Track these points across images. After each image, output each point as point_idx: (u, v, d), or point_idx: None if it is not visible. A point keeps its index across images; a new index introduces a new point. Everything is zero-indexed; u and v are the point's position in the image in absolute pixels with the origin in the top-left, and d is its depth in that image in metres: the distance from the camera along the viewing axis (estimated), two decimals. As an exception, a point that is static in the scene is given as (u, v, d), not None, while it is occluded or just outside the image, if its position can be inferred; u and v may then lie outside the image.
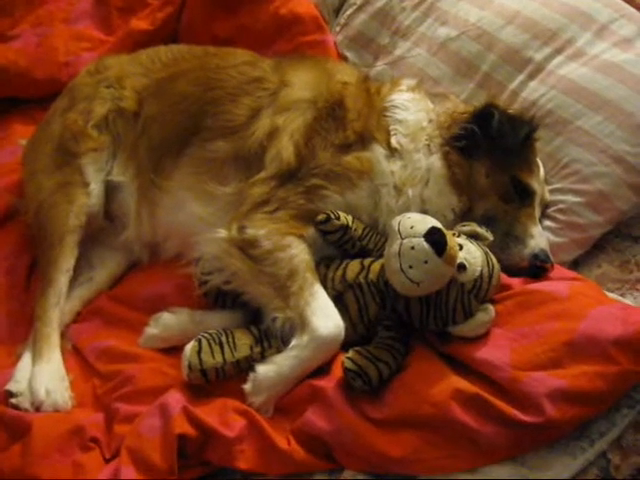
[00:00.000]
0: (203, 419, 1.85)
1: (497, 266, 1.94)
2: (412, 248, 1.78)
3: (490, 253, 1.95)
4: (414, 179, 2.13)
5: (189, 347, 1.94)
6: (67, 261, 2.28)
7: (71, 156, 2.37)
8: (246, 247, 2.05)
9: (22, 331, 2.27)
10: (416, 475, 1.75)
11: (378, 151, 2.15)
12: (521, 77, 2.39)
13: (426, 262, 1.77)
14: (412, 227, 1.81)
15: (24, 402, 2.05)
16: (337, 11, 2.95)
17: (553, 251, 2.12)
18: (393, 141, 2.15)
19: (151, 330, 2.14)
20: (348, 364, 1.82)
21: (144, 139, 2.38)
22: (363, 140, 2.16)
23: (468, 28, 2.51)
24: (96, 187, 2.37)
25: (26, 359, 2.16)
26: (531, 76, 2.38)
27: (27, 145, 2.56)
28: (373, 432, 1.78)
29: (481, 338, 1.86)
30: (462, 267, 1.86)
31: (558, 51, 2.38)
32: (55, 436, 1.92)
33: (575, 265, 2.20)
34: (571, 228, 2.21)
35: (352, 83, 2.29)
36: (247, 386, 1.90)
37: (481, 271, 1.88)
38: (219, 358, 1.92)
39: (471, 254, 1.89)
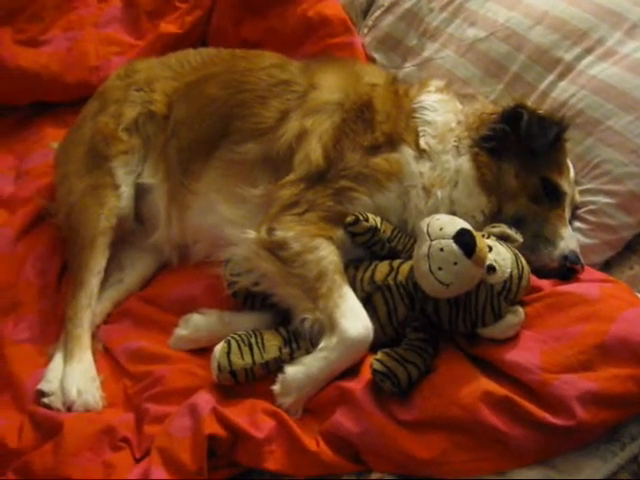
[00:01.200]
0: (232, 420, 1.85)
1: (527, 268, 1.92)
2: (441, 250, 1.78)
3: (520, 255, 1.93)
4: (443, 180, 2.11)
5: (218, 348, 1.94)
6: (98, 263, 2.31)
7: (102, 159, 2.39)
8: (275, 249, 2.05)
9: (53, 331, 2.29)
10: (444, 477, 1.73)
11: (407, 152, 2.13)
12: (551, 77, 2.36)
13: (455, 264, 1.77)
14: (441, 229, 1.80)
15: (56, 402, 2.07)
16: (365, 13, 2.96)
17: (584, 253, 2.10)
18: (422, 142, 2.14)
19: (181, 331, 2.15)
20: (377, 366, 1.82)
21: (174, 142, 2.40)
22: (392, 141, 2.15)
23: (497, 29, 2.50)
24: (126, 189, 2.39)
25: (57, 359, 2.19)
26: (561, 76, 2.35)
27: (58, 148, 2.59)
28: (401, 434, 1.77)
29: (510, 340, 1.85)
30: (491, 269, 1.85)
31: (588, 51, 2.36)
32: (86, 435, 1.95)
33: (606, 267, 2.17)
34: (602, 229, 2.19)
35: (380, 85, 2.28)
36: (276, 387, 1.91)
37: (510, 273, 1.87)
38: (248, 359, 1.93)
39: (500, 255, 1.88)
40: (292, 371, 1.90)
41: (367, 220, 2.02)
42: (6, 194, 2.69)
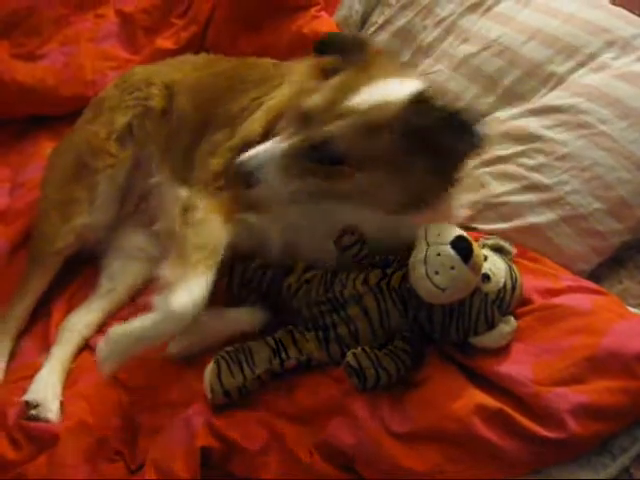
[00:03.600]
0: (225, 432, 1.85)
1: (520, 279, 1.94)
2: (438, 254, 1.79)
3: (513, 266, 1.95)
4: None
5: (208, 371, 1.93)
6: (39, 281, 2.33)
7: (87, 171, 2.38)
8: (185, 209, 2.06)
9: (47, 347, 2.29)
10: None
11: None
12: (544, 90, 2.39)
13: (452, 268, 1.78)
14: (439, 234, 1.82)
15: (43, 412, 2.06)
16: (359, 30, 2.99)
17: (571, 259, 2.14)
18: None
19: (171, 350, 2.10)
20: (350, 359, 1.84)
21: (176, 138, 2.38)
22: None
23: (490, 44, 2.53)
24: (103, 204, 2.38)
25: (44, 370, 2.18)
26: (554, 88, 2.39)
27: (50, 154, 2.59)
28: (395, 446, 1.77)
29: (503, 353, 1.85)
30: (486, 277, 1.87)
31: (581, 64, 2.39)
32: (82, 448, 1.94)
33: (596, 280, 2.16)
34: (591, 235, 2.18)
35: None
36: (99, 344, 1.93)
37: (504, 282, 1.89)
38: (239, 377, 1.92)
39: (495, 265, 1.90)
40: (117, 329, 1.91)
41: (353, 233, 2.02)
42: (2, 206, 2.70)
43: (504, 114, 2.42)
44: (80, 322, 2.31)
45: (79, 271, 2.49)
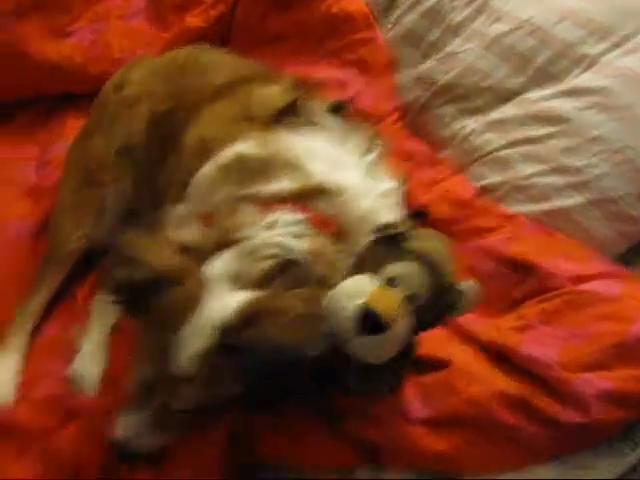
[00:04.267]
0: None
1: (440, 250, 1.65)
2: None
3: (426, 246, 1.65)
4: None
5: None
6: (53, 280, 2.32)
7: (95, 184, 2.34)
8: None
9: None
10: (457, 473, 1.73)
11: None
12: (576, 72, 2.35)
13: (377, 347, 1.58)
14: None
15: (84, 386, 2.09)
16: (387, 10, 2.95)
17: (600, 243, 2.10)
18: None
19: None
20: None
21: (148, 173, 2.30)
22: None
23: (522, 24, 2.48)
24: (112, 215, 2.35)
25: (85, 345, 2.21)
26: (587, 69, 2.34)
27: (68, 151, 2.55)
28: (415, 430, 1.76)
29: (529, 335, 1.84)
30: (411, 299, 1.60)
31: (615, 46, 2.34)
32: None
33: (625, 265, 2.12)
34: (620, 219, 2.14)
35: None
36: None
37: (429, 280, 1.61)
38: None
39: (407, 280, 1.59)
40: None
41: None
42: (30, 184, 2.71)
43: (535, 95, 2.38)
44: None
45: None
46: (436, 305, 1.62)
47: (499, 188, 2.28)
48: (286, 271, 1.64)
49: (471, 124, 2.47)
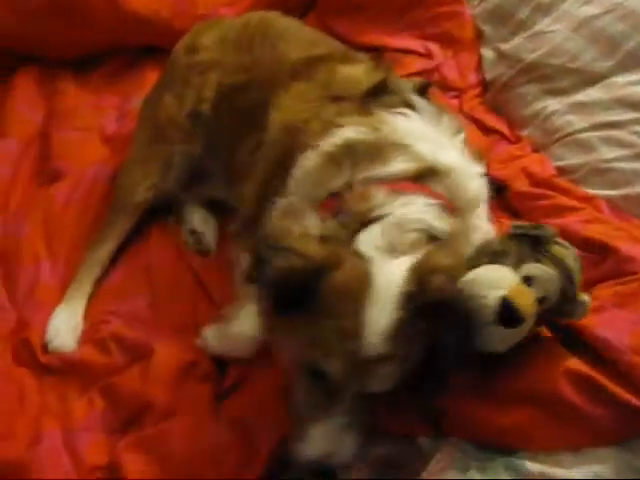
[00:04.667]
0: None
1: (575, 260, 1.73)
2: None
3: (565, 253, 1.72)
4: None
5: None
6: (123, 229, 2.39)
7: (165, 139, 2.41)
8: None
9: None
10: (519, 447, 1.71)
11: None
12: (667, 59, 2.33)
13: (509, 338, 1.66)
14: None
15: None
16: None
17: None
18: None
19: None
20: None
21: (219, 138, 2.36)
22: None
23: (614, 7, 2.46)
24: (177, 174, 2.42)
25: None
26: (678, 58, 2.32)
27: (141, 106, 2.62)
28: (481, 404, 1.75)
29: (601, 317, 1.80)
30: (541, 301, 1.66)
31: None
32: (174, 365, 2.02)
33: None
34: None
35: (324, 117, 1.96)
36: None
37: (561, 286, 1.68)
38: None
39: (543, 283, 1.66)
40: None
41: None
42: (110, 132, 2.78)
43: (622, 79, 2.36)
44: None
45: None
46: (558, 310, 1.69)
47: (578, 170, 2.28)
48: (430, 244, 1.66)
49: (554, 104, 2.46)
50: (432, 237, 1.67)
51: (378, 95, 1.98)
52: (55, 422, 1.96)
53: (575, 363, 1.74)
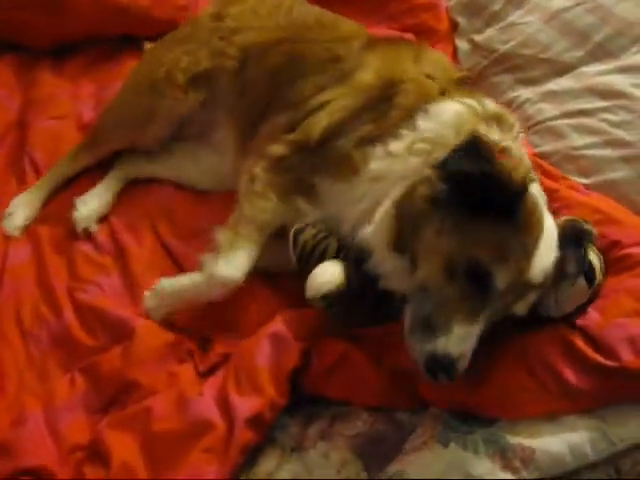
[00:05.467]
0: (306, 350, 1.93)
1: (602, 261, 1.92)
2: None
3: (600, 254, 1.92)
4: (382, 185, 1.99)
5: (335, 282, 1.92)
6: (87, 162, 2.59)
7: (155, 91, 2.46)
8: (248, 181, 2.17)
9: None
10: (498, 419, 1.76)
11: (378, 150, 2.03)
12: (634, 49, 2.40)
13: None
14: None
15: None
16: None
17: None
18: (392, 145, 2.01)
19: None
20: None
21: (243, 100, 2.42)
22: (378, 137, 2.05)
23: (584, 0, 2.55)
24: (158, 129, 2.51)
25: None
26: (646, 48, 2.39)
27: (146, 52, 2.72)
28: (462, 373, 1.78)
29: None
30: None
31: None
32: (155, 345, 2.05)
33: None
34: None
35: (435, 77, 2.12)
36: (147, 292, 2.15)
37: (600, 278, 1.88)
38: (343, 307, 1.94)
39: (596, 269, 1.86)
40: (165, 282, 2.13)
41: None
42: (87, 119, 2.78)
43: (591, 69, 2.44)
44: (132, 166, 2.59)
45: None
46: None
47: (550, 157, 2.33)
48: None
49: (526, 93, 2.53)
50: None
51: (462, 86, 2.16)
52: (36, 402, 1.97)
53: (552, 328, 1.83)
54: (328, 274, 1.93)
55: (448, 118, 1.98)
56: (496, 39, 2.68)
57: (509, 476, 1.67)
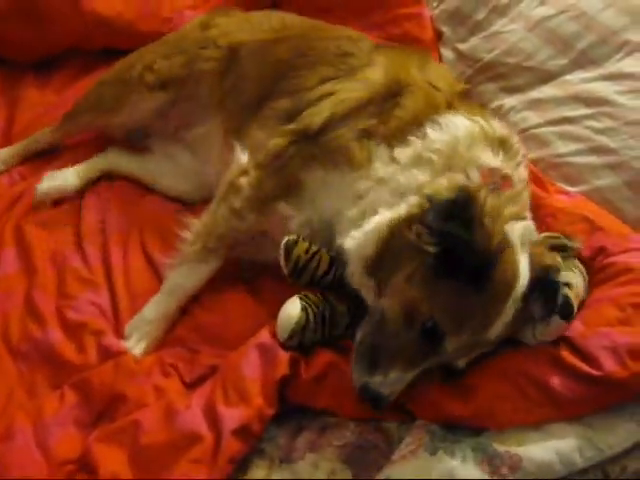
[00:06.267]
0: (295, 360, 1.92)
1: (586, 277, 1.95)
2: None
3: (580, 266, 1.95)
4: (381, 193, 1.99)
5: (295, 317, 1.93)
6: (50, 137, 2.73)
7: (126, 85, 2.55)
8: (231, 190, 2.16)
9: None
10: (485, 429, 1.77)
11: (381, 151, 2.03)
12: (617, 57, 2.41)
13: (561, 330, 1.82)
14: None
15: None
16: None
17: (631, 223, 2.13)
18: (397, 150, 2.00)
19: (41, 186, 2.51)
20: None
21: (234, 94, 2.43)
22: (383, 136, 2.04)
23: (567, 8, 2.56)
24: (126, 122, 2.61)
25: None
26: (628, 55, 2.40)
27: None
28: (447, 386, 1.83)
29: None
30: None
31: None
32: (142, 359, 2.07)
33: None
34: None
35: (438, 87, 2.13)
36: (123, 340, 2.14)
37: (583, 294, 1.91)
38: (319, 335, 1.96)
39: (577, 289, 1.88)
40: (131, 322, 2.16)
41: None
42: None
43: (575, 77, 2.45)
44: (111, 158, 2.66)
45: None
46: None
47: (535, 164, 2.33)
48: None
49: (511, 101, 2.54)
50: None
51: (465, 100, 2.20)
52: (25, 417, 1.95)
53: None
54: (284, 317, 1.95)
55: (460, 134, 1.97)
56: (480, 48, 2.69)
57: (497, 481, 1.68)
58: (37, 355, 2.12)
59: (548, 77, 2.51)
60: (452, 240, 1.69)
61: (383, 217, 1.88)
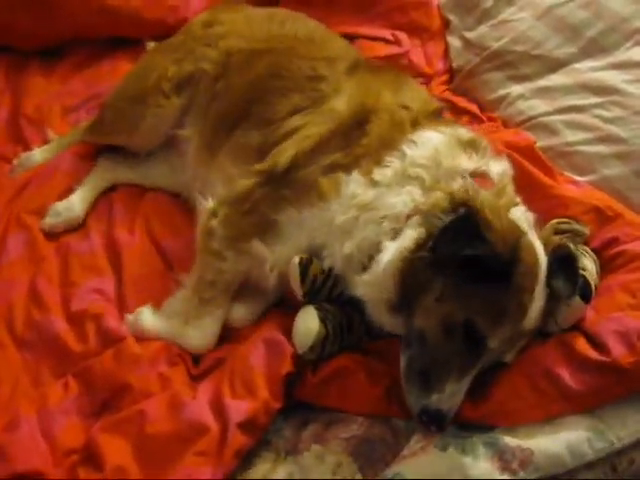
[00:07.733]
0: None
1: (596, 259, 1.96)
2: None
3: (594, 257, 1.96)
4: (373, 216, 1.94)
5: (314, 331, 1.89)
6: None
7: (142, 99, 2.46)
8: (205, 233, 2.12)
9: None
10: (498, 425, 1.77)
11: (354, 177, 1.98)
12: (627, 45, 2.40)
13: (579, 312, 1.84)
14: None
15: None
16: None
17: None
18: (376, 173, 1.96)
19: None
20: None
21: (215, 104, 2.40)
22: (351, 165, 2.01)
23: (577, -5, 2.54)
24: (144, 136, 2.51)
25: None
26: (638, 43, 2.39)
27: (141, 58, 2.71)
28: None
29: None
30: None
31: None
32: (146, 347, 2.03)
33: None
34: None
35: (412, 109, 2.09)
36: (129, 317, 2.13)
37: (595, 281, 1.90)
38: (337, 346, 1.94)
39: (590, 272, 1.89)
40: (146, 314, 2.12)
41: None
42: (75, 122, 2.80)
43: (584, 65, 2.44)
44: (109, 172, 2.57)
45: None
46: None
47: (543, 153, 2.31)
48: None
49: (519, 90, 2.52)
50: None
51: (436, 117, 2.17)
52: (30, 406, 1.94)
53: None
54: (303, 329, 1.91)
55: (439, 147, 1.97)
56: (488, 36, 2.68)
57: (508, 477, 1.67)
58: (41, 344, 2.11)
59: (557, 65, 2.50)
60: (472, 257, 1.70)
61: (391, 252, 1.85)
